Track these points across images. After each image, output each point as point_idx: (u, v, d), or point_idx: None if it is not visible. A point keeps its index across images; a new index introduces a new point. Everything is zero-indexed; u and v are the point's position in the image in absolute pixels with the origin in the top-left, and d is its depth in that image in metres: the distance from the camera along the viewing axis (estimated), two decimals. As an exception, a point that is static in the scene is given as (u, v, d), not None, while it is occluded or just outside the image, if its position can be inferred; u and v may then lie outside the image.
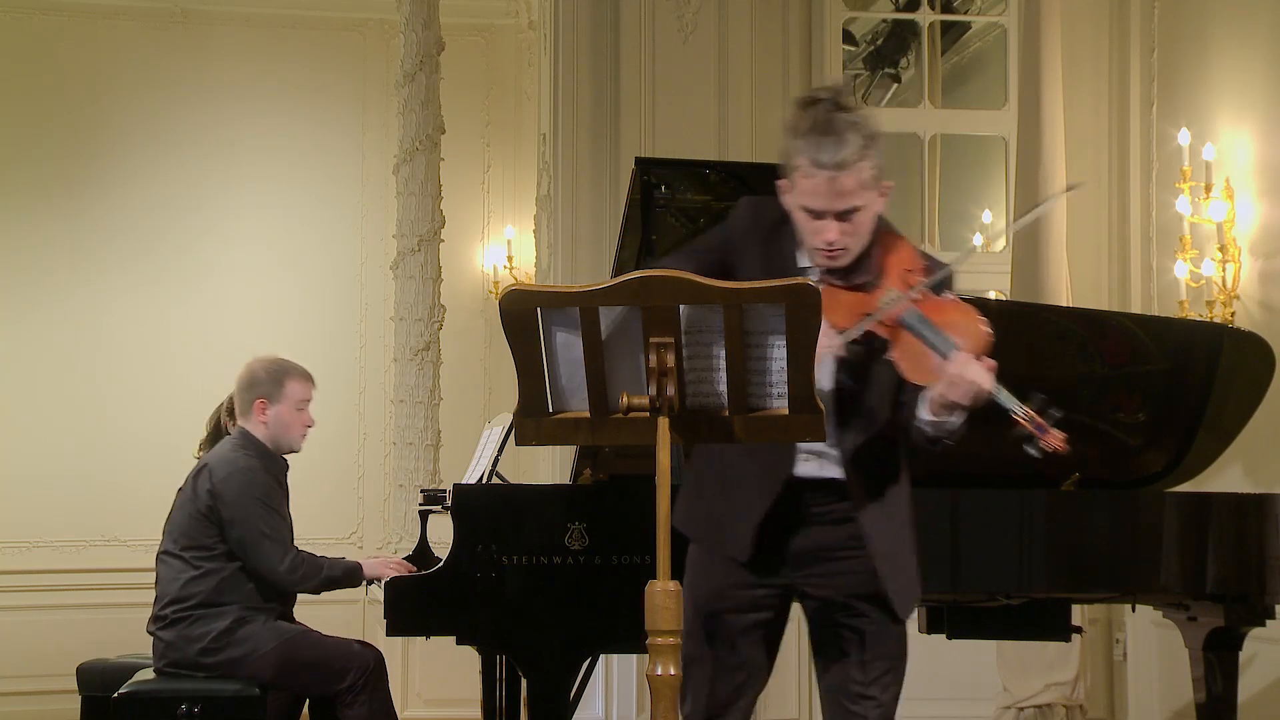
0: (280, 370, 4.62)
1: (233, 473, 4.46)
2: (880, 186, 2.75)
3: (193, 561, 4.44)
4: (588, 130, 6.36)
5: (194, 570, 4.43)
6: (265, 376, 4.59)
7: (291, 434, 4.61)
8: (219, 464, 4.50)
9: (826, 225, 2.72)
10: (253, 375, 4.61)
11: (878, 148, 2.73)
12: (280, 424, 4.58)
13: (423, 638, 4.80)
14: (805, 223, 2.76)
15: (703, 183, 4.06)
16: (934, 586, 3.99)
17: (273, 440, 4.59)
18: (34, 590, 7.50)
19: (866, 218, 2.74)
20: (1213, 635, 4.15)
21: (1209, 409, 4.40)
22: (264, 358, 4.68)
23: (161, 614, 4.45)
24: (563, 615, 3.75)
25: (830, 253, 2.74)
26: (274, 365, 4.63)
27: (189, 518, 4.48)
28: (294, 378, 4.62)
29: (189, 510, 4.48)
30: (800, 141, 2.69)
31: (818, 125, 2.69)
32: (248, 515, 4.41)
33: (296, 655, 4.42)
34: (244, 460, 4.50)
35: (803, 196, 2.73)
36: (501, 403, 7.49)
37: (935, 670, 5.94)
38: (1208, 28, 5.92)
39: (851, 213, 2.71)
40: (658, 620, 2.52)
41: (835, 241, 2.72)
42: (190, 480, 4.55)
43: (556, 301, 2.54)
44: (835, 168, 2.67)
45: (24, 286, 7.74)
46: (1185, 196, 5.69)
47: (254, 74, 7.99)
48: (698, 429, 2.61)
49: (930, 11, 6.94)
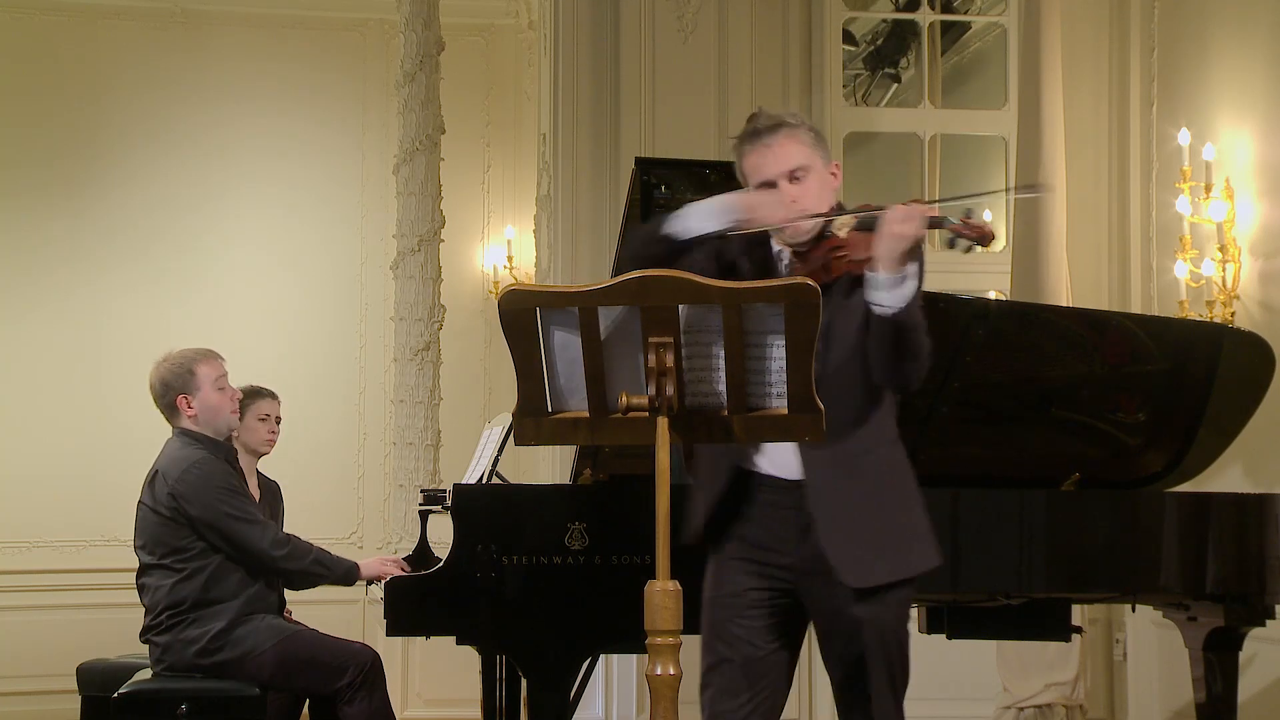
0: (183, 361, 4.55)
1: (187, 469, 4.41)
2: (829, 164, 2.97)
3: (175, 566, 4.39)
4: (588, 130, 6.36)
5: (178, 575, 4.38)
6: (172, 375, 4.54)
7: (223, 415, 4.56)
8: (170, 465, 4.45)
9: (782, 190, 2.90)
10: (160, 380, 4.56)
11: (814, 128, 2.98)
12: (209, 408, 4.53)
13: (423, 638, 4.81)
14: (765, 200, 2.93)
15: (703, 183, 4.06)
16: (934, 586, 4.00)
17: (210, 426, 4.54)
18: (34, 590, 7.50)
19: (816, 182, 2.93)
20: (1213, 635, 4.15)
21: (1209, 409, 4.40)
22: (162, 361, 4.60)
23: (154, 623, 4.41)
24: (563, 615, 3.75)
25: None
26: (177, 359, 4.56)
27: (157, 526, 4.42)
28: (199, 361, 4.56)
29: (153, 519, 4.43)
30: (739, 142, 2.98)
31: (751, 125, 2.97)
32: (214, 505, 4.37)
33: (294, 654, 4.39)
34: (193, 454, 4.46)
35: (754, 176, 2.93)
36: (501, 403, 7.49)
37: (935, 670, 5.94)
38: (1208, 28, 5.92)
39: (799, 172, 2.90)
40: (657, 620, 2.52)
41: (794, 202, 2.89)
42: (146, 489, 4.49)
43: (556, 301, 2.54)
44: (770, 132, 2.91)
45: (24, 286, 7.74)
46: (1185, 196, 5.69)
47: (254, 74, 7.99)
48: (697, 429, 2.61)
49: (930, 11, 6.94)
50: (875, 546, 2.88)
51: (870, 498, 2.90)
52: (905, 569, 2.93)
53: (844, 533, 2.87)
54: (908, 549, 2.94)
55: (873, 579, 2.87)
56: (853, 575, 2.86)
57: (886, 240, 2.73)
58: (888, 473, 2.95)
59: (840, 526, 2.87)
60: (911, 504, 2.98)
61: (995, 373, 4.23)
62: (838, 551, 2.86)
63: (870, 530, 2.89)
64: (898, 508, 2.95)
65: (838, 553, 2.86)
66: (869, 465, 2.91)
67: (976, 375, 4.15)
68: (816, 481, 2.87)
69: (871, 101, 7.82)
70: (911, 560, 2.94)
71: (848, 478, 2.88)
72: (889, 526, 2.92)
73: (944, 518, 3.92)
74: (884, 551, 2.89)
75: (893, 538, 2.92)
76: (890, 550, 2.91)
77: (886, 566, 2.90)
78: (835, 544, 2.86)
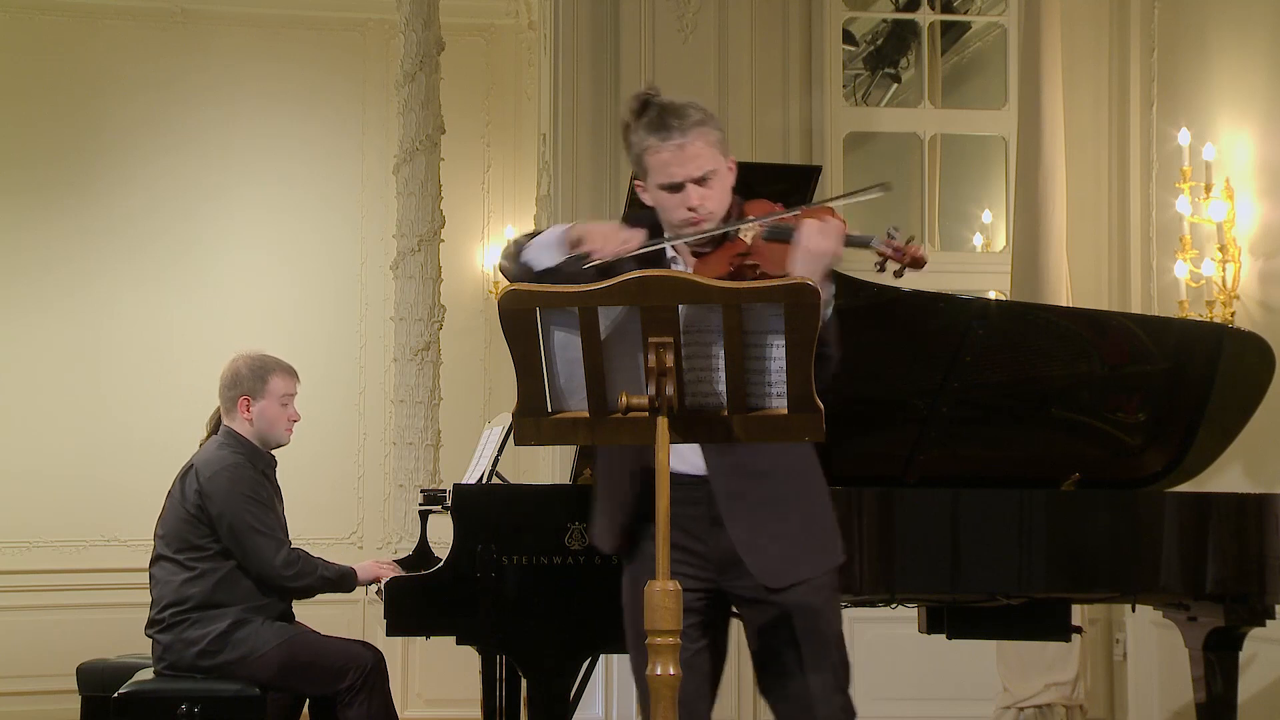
0: (263, 366, 4.57)
1: (219, 470, 4.43)
2: (729, 159, 2.91)
3: (187, 564, 4.41)
4: (588, 130, 6.36)
5: (189, 572, 4.40)
6: (248, 373, 4.55)
7: (277, 429, 4.58)
8: (205, 464, 4.48)
9: (687, 193, 2.86)
10: (235, 373, 4.56)
11: (715, 120, 2.91)
12: (265, 420, 4.55)
13: (423, 638, 4.80)
14: (667, 201, 2.89)
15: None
16: (934, 586, 4.00)
17: (259, 437, 4.56)
18: (34, 590, 7.50)
19: (720, 184, 2.89)
20: (1213, 635, 4.14)
21: (1209, 409, 4.39)
22: (247, 354, 4.63)
23: (158, 617, 4.43)
24: (563, 615, 3.75)
25: (696, 218, 2.87)
26: (257, 361, 4.59)
27: (179, 520, 4.45)
28: (277, 373, 4.58)
29: (178, 513, 4.46)
30: (643, 131, 2.89)
31: (656, 113, 2.88)
32: (237, 511, 4.39)
33: (295, 656, 4.40)
34: (230, 458, 4.48)
35: (658, 174, 2.88)
36: (501, 403, 7.50)
37: (935, 670, 5.96)
38: (1208, 28, 5.92)
39: (707, 178, 2.87)
40: (657, 620, 2.52)
41: (698, 205, 2.86)
42: (178, 482, 4.52)
43: (555, 301, 2.54)
44: (681, 131, 2.84)
45: (24, 286, 7.75)
46: (1185, 196, 5.69)
47: (254, 74, 7.99)
48: (696, 429, 2.61)
49: (930, 11, 6.94)
50: (789, 546, 2.89)
51: (778, 497, 2.90)
52: (822, 565, 2.94)
53: (754, 534, 2.88)
54: (821, 546, 2.95)
55: (789, 578, 2.89)
56: (769, 576, 2.88)
57: (804, 258, 2.70)
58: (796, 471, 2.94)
59: (750, 527, 2.88)
60: (821, 499, 2.98)
61: (995, 373, 4.22)
62: (751, 554, 2.87)
63: (782, 530, 2.89)
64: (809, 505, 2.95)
65: (751, 556, 2.87)
66: (772, 464, 2.89)
67: (976, 375, 4.14)
68: (721, 485, 2.89)
69: (871, 101, 7.82)
70: (827, 556, 2.95)
71: (750, 477, 2.88)
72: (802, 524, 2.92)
73: (944, 518, 3.92)
74: (798, 550, 2.90)
75: (807, 536, 2.93)
76: (806, 548, 2.92)
77: (803, 566, 2.91)
78: (748, 547, 2.87)
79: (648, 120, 2.88)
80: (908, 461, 4.18)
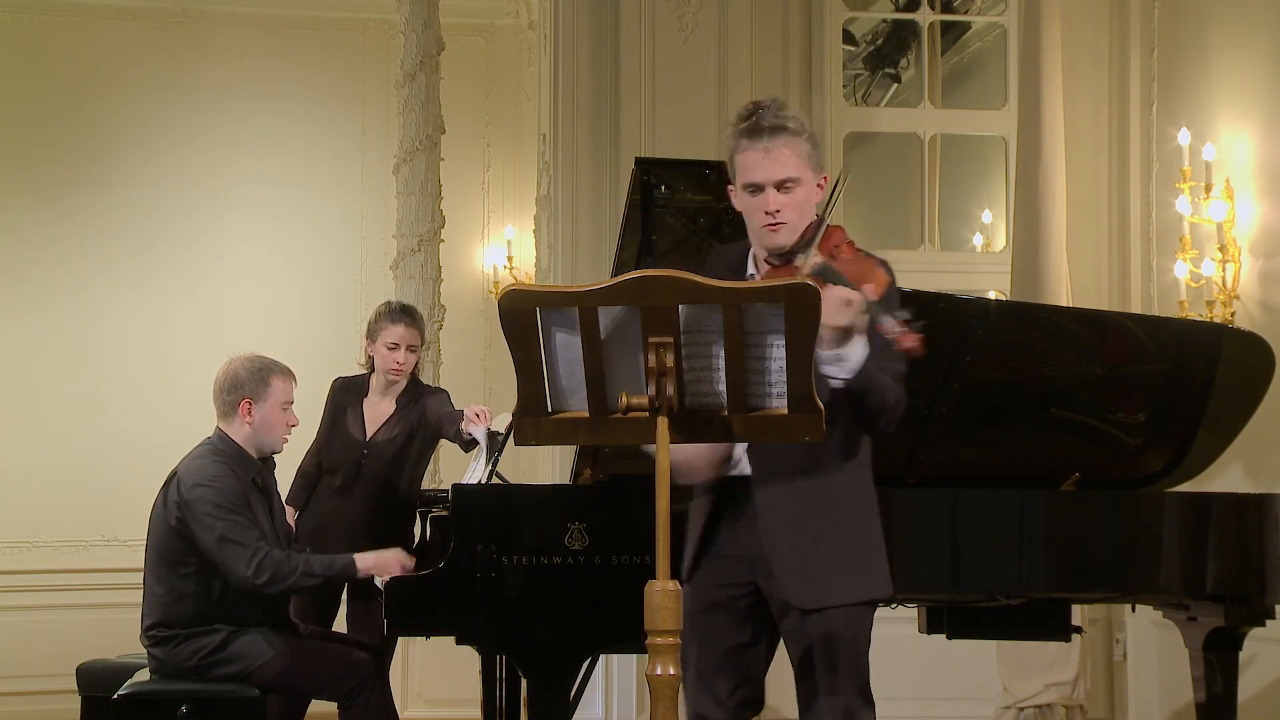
0: (263, 368, 4.43)
1: (198, 482, 4.29)
2: (819, 174, 2.93)
3: (172, 581, 4.30)
4: (588, 130, 6.36)
5: (175, 591, 4.29)
6: (248, 375, 4.40)
7: (275, 434, 4.44)
8: (187, 473, 4.34)
9: (767, 196, 2.87)
10: (234, 375, 4.41)
11: (813, 137, 2.94)
12: (265, 424, 4.40)
13: (423, 638, 4.80)
14: (748, 203, 2.91)
15: (703, 183, 4.05)
16: (934, 586, 4.00)
17: (255, 441, 4.42)
18: (34, 590, 7.50)
19: (803, 194, 2.89)
20: (1213, 635, 4.15)
21: (1209, 409, 4.40)
22: (244, 356, 4.47)
23: (150, 631, 4.34)
24: (563, 615, 3.75)
25: (773, 224, 2.88)
26: (255, 363, 4.44)
27: (162, 533, 4.34)
28: (278, 375, 4.44)
29: (161, 525, 4.35)
30: (739, 133, 2.92)
31: (754, 118, 2.91)
32: (210, 522, 4.24)
33: (294, 666, 4.29)
34: (211, 468, 4.33)
35: (743, 175, 2.89)
36: (501, 403, 7.47)
37: (935, 670, 5.96)
38: (1208, 28, 5.92)
39: (788, 183, 2.87)
40: (657, 620, 2.52)
41: (777, 211, 2.86)
42: (161, 492, 4.40)
43: (556, 302, 2.54)
44: (770, 136, 2.87)
45: (24, 286, 7.75)
46: (1185, 196, 5.69)
47: (254, 74, 7.99)
48: (697, 429, 2.61)
49: (930, 11, 6.94)
50: (820, 567, 2.88)
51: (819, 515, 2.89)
52: (855, 594, 2.92)
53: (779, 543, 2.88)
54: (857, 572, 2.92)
55: (822, 602, 2.88)
56: (800, 598, 2.87)
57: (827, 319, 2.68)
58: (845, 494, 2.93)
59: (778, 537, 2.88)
60: (868, 528, 2.96)
61: (995, 373, 4.22)
62: (779, 565, 2.87)
63: (815, 549, 2.88)
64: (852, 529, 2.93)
65: (786, 576, 2.87)
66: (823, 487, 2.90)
67: (976, 375, 4.15)
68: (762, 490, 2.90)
69: (871, 101, 7.82)
70: (863, 587, 2.93)
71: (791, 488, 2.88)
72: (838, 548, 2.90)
73: (944, 518, 3.92)
74: (830, 573, 2.88)
75: (841, 559, 2.90)
76: (839, 571, 2.89)
77: (835, 591, 2.89)
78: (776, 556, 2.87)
79: (746, 125, 2.91)
80: (908, 461, 4.18)
